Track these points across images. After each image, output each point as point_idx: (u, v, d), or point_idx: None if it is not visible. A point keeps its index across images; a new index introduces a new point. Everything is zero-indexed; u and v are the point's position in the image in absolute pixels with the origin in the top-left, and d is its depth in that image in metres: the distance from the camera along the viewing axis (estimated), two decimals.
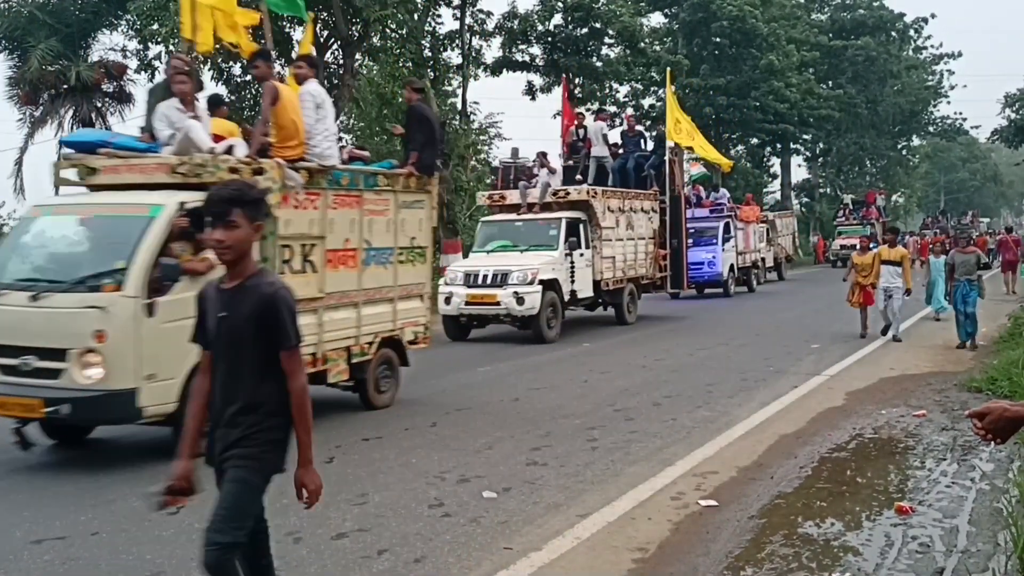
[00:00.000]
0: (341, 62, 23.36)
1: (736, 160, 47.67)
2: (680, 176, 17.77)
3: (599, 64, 33.11)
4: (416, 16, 24.97)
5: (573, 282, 14.55)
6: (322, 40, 23.31)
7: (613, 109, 33.77)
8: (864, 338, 13.32)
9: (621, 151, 17.78)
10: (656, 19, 41.71)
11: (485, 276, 13.95)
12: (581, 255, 14.85)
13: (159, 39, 19.37)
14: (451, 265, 15.76)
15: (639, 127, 20.30)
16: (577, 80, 33.92)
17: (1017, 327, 12.66)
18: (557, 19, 31.67)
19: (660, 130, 18.51)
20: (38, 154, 25.75)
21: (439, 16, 27.53)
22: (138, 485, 6.05)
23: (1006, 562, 4.35)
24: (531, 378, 10.52)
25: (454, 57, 28.86)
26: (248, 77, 23.27)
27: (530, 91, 33.76)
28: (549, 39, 32.01)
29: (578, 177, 16.52)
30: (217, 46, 9.74)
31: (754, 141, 46.25)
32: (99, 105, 24.59)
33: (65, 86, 23.44)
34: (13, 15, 23.49)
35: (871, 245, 17.96)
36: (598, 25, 31.22)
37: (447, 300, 14.04)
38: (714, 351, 12.62)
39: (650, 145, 18.51)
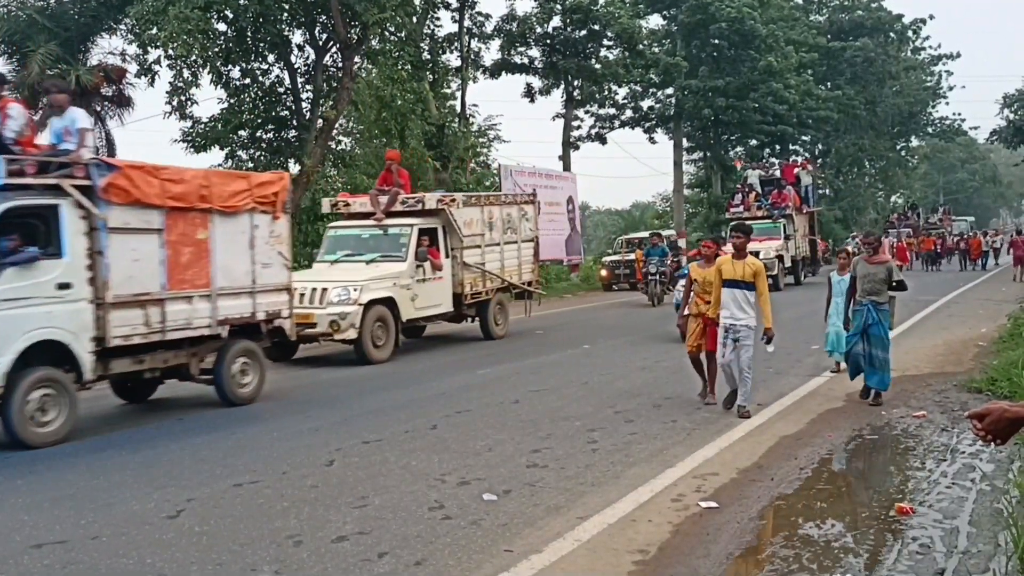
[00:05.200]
0: (340, 65, 23.37)
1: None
2: None
3: (598, 66, 33.15)
4: (415, 19, 25.02)
5: None
6: (321, 43, 23.36)
7: None
8: (710, 404, 8.65)
9: None
10: (655, 21, 41.75)
11: None
12: None
13: (158, 43, 19.39)
14: None
15: None
16: (576, 82, 34.02)
17: (1017, 327, 12.64)
18: (556, 21, 31.72)
19: None
20: None
21: (438, 19, 27.60)
22: (137, 489, 6.06)
23: (1007, 563, 4.35)
24: (531, 380, 10.52)
25: (453, 59, 28.93)
26: (247, 80, 23.33)
27: (529, 93, 33.82)
28: (548, 41, 32.07)
29: None
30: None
31: (753, 142, 46.25)
32: (98, 109, 24.60)
33: None
34: (12, 20, 23.51)
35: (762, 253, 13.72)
36: (597, 27, 31.24)
37: None
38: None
39: None
